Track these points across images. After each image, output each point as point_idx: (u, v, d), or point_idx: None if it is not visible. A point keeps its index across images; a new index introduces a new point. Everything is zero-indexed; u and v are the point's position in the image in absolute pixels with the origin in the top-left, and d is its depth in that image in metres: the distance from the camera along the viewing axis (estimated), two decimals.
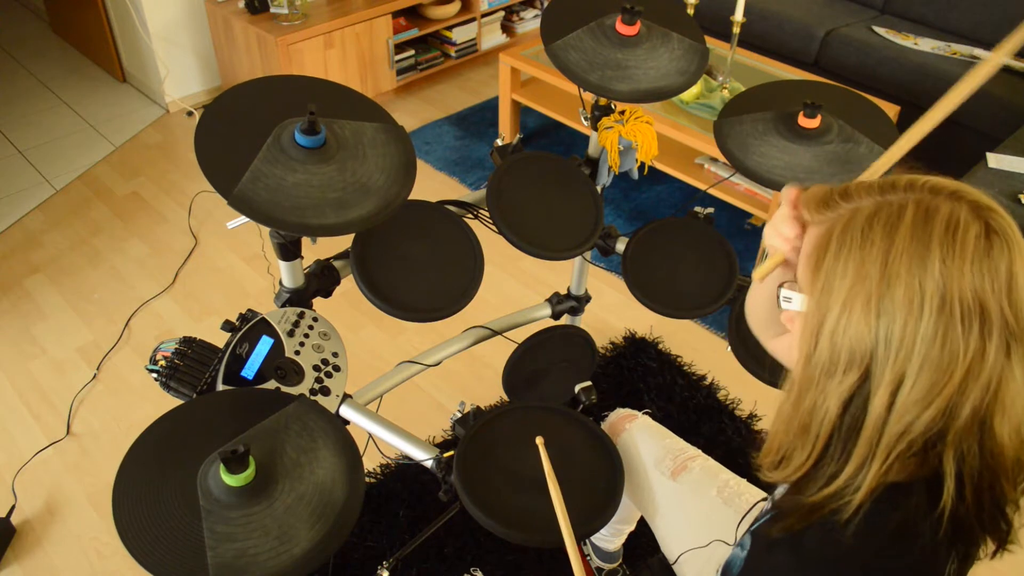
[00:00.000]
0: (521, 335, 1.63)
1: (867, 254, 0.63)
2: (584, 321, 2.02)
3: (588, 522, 1.09)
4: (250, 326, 1.20)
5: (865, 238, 0.64)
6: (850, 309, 0.64)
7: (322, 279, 1.33)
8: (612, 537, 1.54)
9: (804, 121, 1.32)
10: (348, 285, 1.37)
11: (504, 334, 1.58)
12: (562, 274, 2.44)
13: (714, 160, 2.54)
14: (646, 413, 1.35)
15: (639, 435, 1.28)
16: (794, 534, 0.70)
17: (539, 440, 1.10)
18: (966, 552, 0.69)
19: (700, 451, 1.26)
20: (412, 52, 3.34)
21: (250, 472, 0.90)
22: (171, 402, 1.09)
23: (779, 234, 0.75)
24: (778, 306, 0.73)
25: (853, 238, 0.65)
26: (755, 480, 0.93)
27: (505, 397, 1.77)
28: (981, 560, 0.72)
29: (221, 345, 1.20)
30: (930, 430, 0.63)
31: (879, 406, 0.64)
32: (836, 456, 0.68)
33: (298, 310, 1.25)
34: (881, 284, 0.62)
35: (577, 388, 1.33)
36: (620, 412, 1.35)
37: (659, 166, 2.56)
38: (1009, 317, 0.61)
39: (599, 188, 1.56)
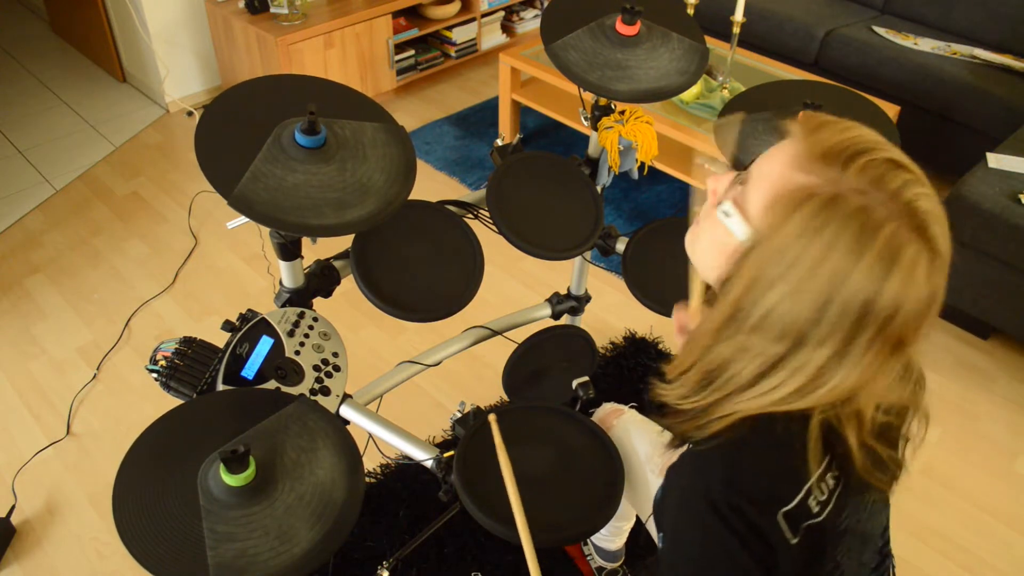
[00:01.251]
0: (521, 335, 1.63)
1: (829, 257, 0.64)
2: (584, 321, 2.02)
3: (588, 522, 1.10)
4: (250, 326, 1.20)
5: (835, 238, 0.64)
6: (798, 294, 0.65)
7: (322, 279, 1.33)
8: (613, 537, 1.54)
9: None
10: (348, 285, 1.37)
11: (504, 334, 1.58)
12: (562, 274, 2.44)
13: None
14: (632, 407, 1.34)
15: (626, 432, 1.27)
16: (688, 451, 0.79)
17: (491, 417, 1.11)
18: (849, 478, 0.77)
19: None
20: (412, 52, 3.34)
21: (250, 472, 0.90)
22: (171, 402, 1.09)
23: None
24: (713, 209, 0.75)
25: (827, 224, 0.64)
26: None
27: (505, 397, 1.77)
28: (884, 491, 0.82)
29: (221, 345, 1.20)
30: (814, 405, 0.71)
31: (784, 385, 0.69)
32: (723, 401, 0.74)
33: (298, 310, 1.25)
34: (833, 292, 0.64)
35: (575, 383, 1.33)
36: (606, 407, 1.35)
37: (659, 166, 2.56)
38: (914, 339, 0.67)
39: (599, 188, 1.56)
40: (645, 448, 1.25)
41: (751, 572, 0.71)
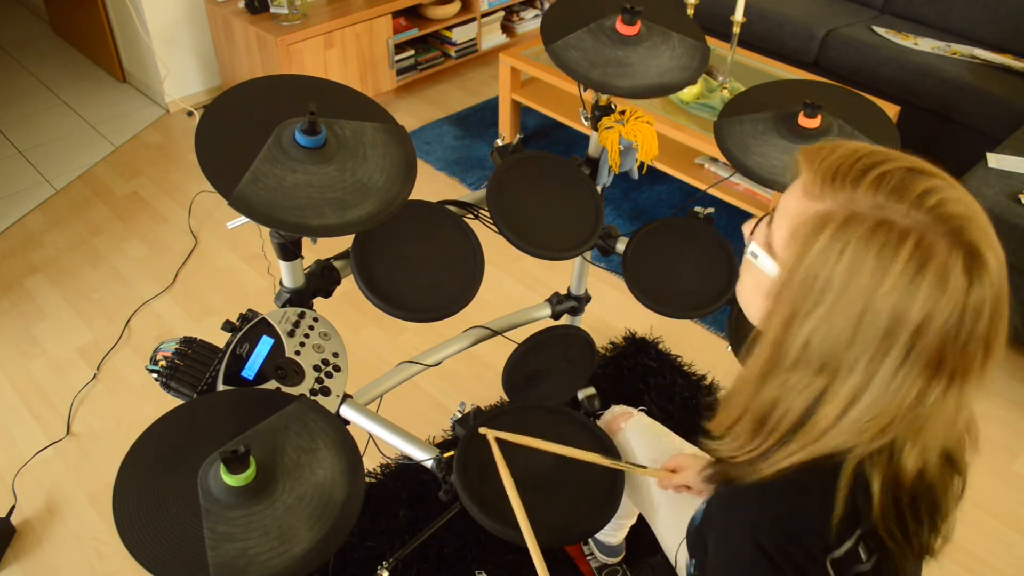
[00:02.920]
0: (521, 335, 1.63)
1: (856, 276, 0.62)
2: (584, 321, 2.02)
3: (588, 522, 1.10)
4: (250, 326, 1.20)
5: (858, 257, 0.62)
6: (831, 319, 0.64)
7: (322, 279, 1.33)
8: (614, 532, 1.55)
9: (804, 121, 1.32)
10: (348, 285, 1.37)
11: (504, 334, 1.58)
12: (562, 274, 2.44)
13: (714, 160, 2.54)
14: (641, 410, 1.35)
15: (635, 435, 1.28)
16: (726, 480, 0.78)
17: (485, 431, 1.11)
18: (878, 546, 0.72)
19: (697, 449, 1.26)
20: (412, 52, 3.34)
21: (250, 472, 0.90)
22: (171, 402, 1.09)
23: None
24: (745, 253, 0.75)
25: (848, 246, 0.63)
26: None
27: (505, 397, 1.77)
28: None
29: (221, 345, 1.20)
30: (850, 446, 0.68)
31: (827, 417, 0.67)
32: (778, 445, 0.72)
33: (298, 310, 1.25)
34: (864, 311, 0.63)
35: (581, 395, 1.33)
36: (615, 410, 1.35)
37: (659, 166, 2.56)
38: (959, 363, 0.63)
39: (599, 188, 1.56)
40: (652, 454, 1.25)
41: None
